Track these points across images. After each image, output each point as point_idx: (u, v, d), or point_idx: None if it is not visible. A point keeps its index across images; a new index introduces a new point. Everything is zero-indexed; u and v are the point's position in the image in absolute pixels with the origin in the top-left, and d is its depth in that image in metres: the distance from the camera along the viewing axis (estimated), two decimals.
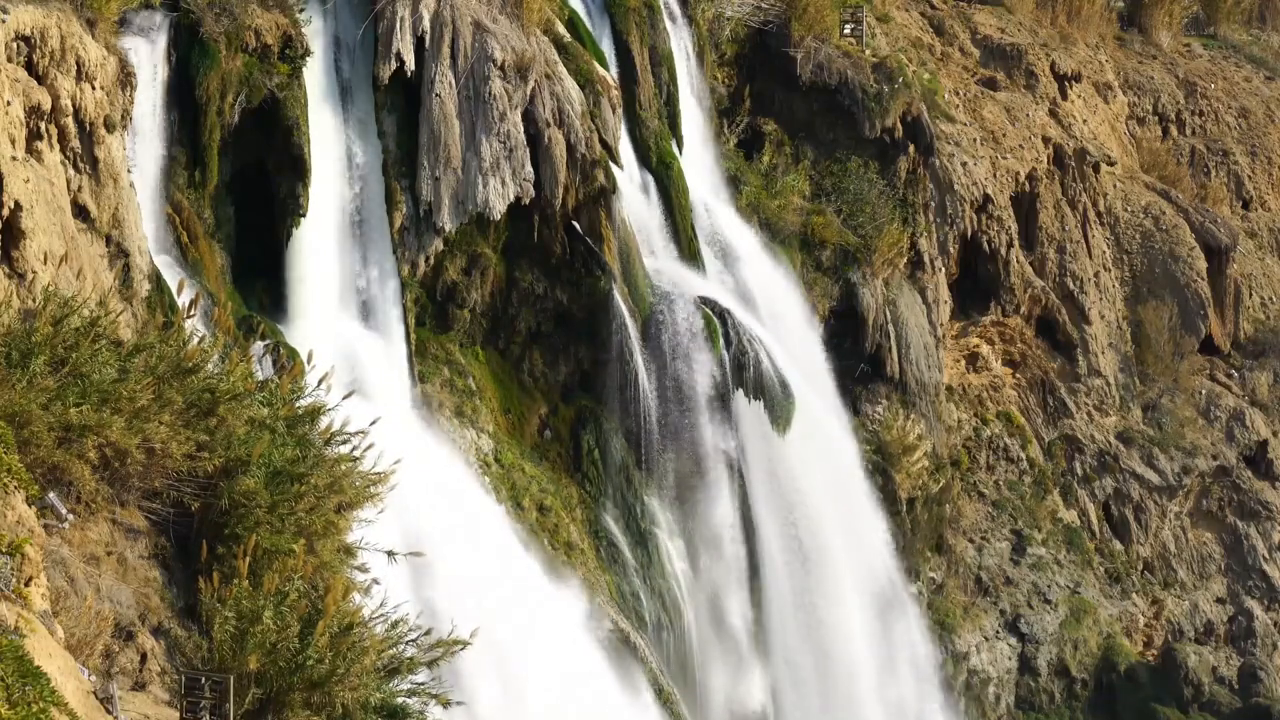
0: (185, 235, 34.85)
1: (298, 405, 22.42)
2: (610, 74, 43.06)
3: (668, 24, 46.43)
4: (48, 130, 29.27)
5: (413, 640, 20.02)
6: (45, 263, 26.80)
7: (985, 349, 55.24)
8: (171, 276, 32.44)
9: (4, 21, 28.19)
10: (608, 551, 40.42)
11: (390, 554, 22.43)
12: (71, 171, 30.01)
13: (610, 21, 44.76)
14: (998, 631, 51.49)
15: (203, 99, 34.88)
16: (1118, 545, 55.72)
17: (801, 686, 43.74)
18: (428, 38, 38.56)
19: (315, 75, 37.45)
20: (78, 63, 29.86)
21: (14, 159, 27.14)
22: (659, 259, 43.32)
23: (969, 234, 53.46)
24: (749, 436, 42.76)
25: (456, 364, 39.63)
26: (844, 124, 50.39)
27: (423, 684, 19.99)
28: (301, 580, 19.16)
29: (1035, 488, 54.78)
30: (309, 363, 26.72)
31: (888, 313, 48.82)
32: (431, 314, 39.50)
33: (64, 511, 18.40)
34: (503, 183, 38.77)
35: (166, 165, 34.67)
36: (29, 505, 16.99)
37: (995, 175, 54.41)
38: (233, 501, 19.96)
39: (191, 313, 23.32)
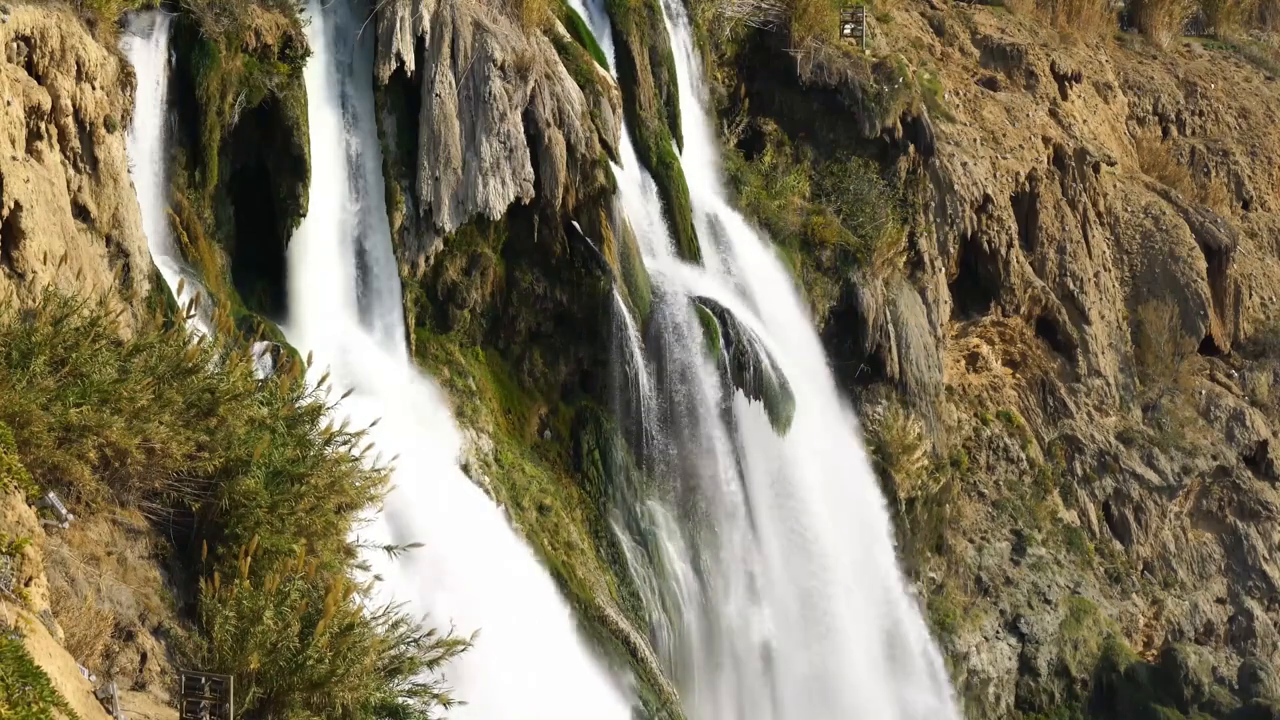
0: (185, 235, 34.82)
1: (298, 405, 22.42)
2: (610, 74, 43.03)
3: (668, 24, 46.41)
4: (48, 130, 29.25)
5: (413, 640, 20.01)
6: (45, 263, 26.78)
7: (985, 349, 55.21)
8: (171, 276, 32.43)
9: (4, 21, 28.17)
10: (608, 551, 40.41)
11: (389, 548, 22.49)
12: (71, 171, 29.99)
13: (610, 21, 44.73)
14: (998, 632, 51.45)
15: (203, 99, 34.87)
16: (1118, 545, 55.69)
17: (803, 682, 43.74)
18: (428, 38, 38.55)
19: (315, 75, 37.43)
20: (78, 63, 29.83)
21: (14, 159, 27.12)
22: (659, 259, 43.28)
23: (969, 234, 53.40)
24: (749, 436, 42.74)
25: (456, 364, 39.61)
26: (844, 124, 50.36)
27: (424, 685, 19.98)
28: (302, 580, 19.16)
29: (1035, 488, 54.75)
30: (309, 363, 26.71)
31: (888, 313, 48.79)
32: (431, 314, 39.48)
33: (64, 511, 18.38)
34: (503, 183, 38.75)
35: (166, 165, 34.65)
36: (29, 505, 16.97)
37: (995, 175, 54.37)
38: (233, 501, 19.96)
39: (191, 313, 23.32)
